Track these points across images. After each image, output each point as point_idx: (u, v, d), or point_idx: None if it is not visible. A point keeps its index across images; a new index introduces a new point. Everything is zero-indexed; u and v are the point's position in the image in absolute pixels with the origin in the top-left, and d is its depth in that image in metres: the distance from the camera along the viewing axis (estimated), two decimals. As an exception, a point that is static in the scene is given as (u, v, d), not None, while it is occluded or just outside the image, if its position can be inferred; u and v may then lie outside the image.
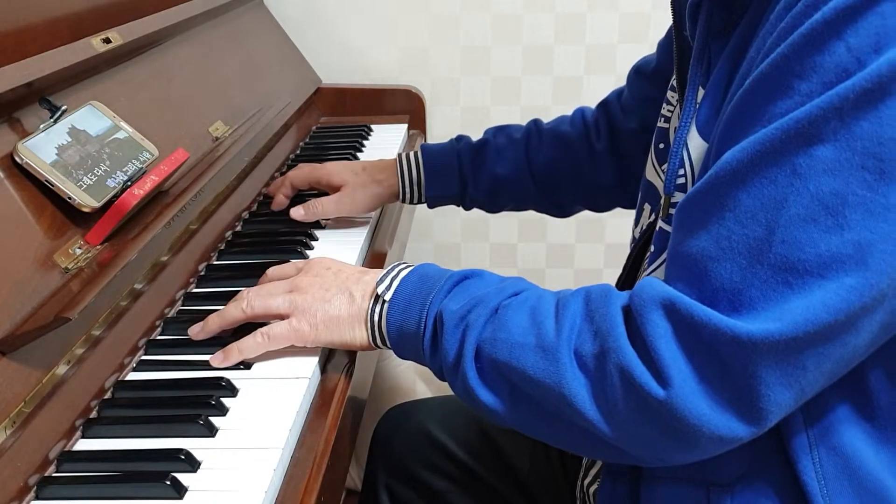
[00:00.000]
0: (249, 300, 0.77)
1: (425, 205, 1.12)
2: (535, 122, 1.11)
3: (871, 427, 0.63)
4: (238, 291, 0.91)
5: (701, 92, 0.70)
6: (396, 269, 0.75)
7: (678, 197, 0.71)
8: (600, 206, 1.12)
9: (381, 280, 0.74)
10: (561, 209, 1.12)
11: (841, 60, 0.53)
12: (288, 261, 0.96)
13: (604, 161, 1.07)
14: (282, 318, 0.75)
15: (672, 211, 0.70)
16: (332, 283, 0.76)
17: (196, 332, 0.79)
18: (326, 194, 1.09)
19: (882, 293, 0.54)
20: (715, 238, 0.57)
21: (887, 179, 0.53)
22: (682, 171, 0.70)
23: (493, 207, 1.12)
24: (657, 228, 0.73)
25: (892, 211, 0.53)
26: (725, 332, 0.55)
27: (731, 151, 0.57)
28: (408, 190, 1.09)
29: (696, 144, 0.68)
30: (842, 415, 0.63)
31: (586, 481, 0.84)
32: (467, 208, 1.12)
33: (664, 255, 0.70)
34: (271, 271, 0.83)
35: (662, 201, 0.72)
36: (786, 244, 0.55)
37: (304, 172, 1.12)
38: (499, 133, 1.11)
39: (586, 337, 0.62)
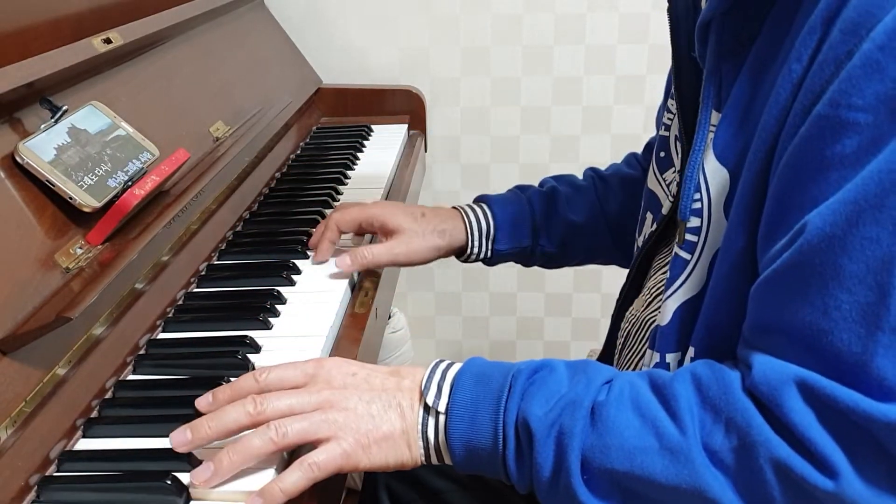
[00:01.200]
0: (279, 427, 0.61)
1: (481, 262, 1.02)
2: (594, 170, 1.06)
3: None
4: (238, 291, 0.92)
5: (715, 115, 0.67)
6: (440, 372, 0.64)
7: (693, 222, 0.68)
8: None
9: (427, 387, 0.63)
10: (627, 256, 1.02)
11: None
12: (288, 261, 0.96)
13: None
14: (319, 441, 0.62)
15: (688, 236, 0.67)
16: (371, 395, 0.64)
17: (205, 478, 0.61)
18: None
19: None
20: (822, 310, 0.53)
21: None
22: (697, 196, 0.67)
23: (558, 261, 1.04)
24: (674, 254, 0.69)
25: None
26: (879, 418, 0.51)
27: (818, 215, 0.53)
28: (476, 244, 0.98)
29: (713, 169, 0.65)
30: None
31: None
32: (528, 265, 1.04)
33: (680, 281, 0.68)
34: (267, 378, 0.65)
35: (679, 228, 0.68)
36: None
37: (352, 213, 0.97)
38: (561, 182, 1.04)
39: (715, 429, 0.57)
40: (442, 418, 0.62)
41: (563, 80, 1.71)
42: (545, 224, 1.00)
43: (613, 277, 1.80)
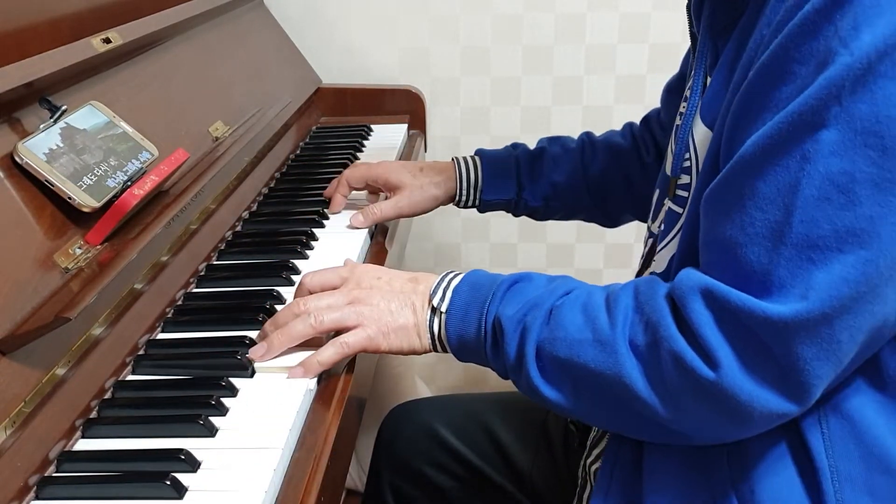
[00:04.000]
0: (315, 315, 0.76)
1: (476, 209, 1.13)
2: (588, 134, 1.13)
3: (880, 396, 0.66)
4: (237, 291, 0.92)
5: (709, 81, 0.74)
6: (447, 280, 0.78)
7: (684, 179, 0.75)
8: (646, 217, 1.14)
9: (435, 291, 0.77)
10: (610, 218, 1.14)
11: (830, 43, 0.57)
12: (288, 261, 0.96)
13: (653, 173, 1.07)
14: (348, 329, 0.77)
15: (679, 192, 0.75)
16: (388, 292, 0.78)
17: (260, 353, 0.77)
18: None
19: None
20: (739, 225, 0.62)
21: (890, 154, 0.56)
22: (687, 155, 0.75)
23: (543, 215, 1.14)
24: (666, 208, 0.78)
25: None
26: (759, 314, 0.59)
27: (744, 145, 0.61)
28: (465, 193, 1.11)
29: (699, 130, 0.73)
30: (852, 383, 0.66)
31: (588, 461, 0.85)
32: (517, 214, 1.14)
33: (673, 233, 0.75)
34: (311, 282, 0.82)
35: (669, 182, 0.77)
36: (804, 223, 0.59)
37: (360, 171, 1.12)
38: (553, 142, 1.13)
39: (638, 328, 0.66)
40: (443, 317, 0.76)
41: (563, 80, 1.71)
42: (529, 180, 1.10)
43: (614, 277, 1.80)
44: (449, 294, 0.76)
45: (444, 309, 0.76)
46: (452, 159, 1.12)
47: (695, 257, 0.69)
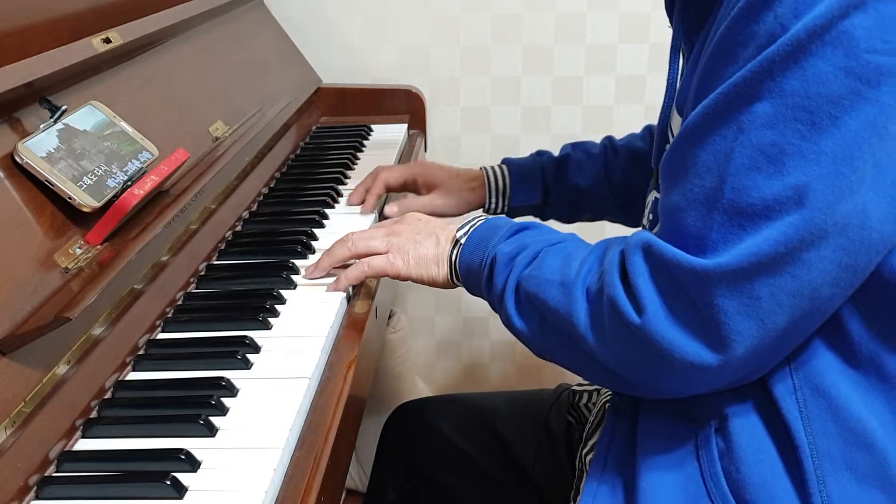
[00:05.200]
0: (354, 241, 0.89)
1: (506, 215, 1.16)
2: (611, 139, 1.16)
3: (854, 373, 0.68)
4: (239, 291, 0.92)
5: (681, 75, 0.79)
6: (475, 219, 0.86)
7: None
8: None
9: (461, 227, 0.85)
10: (633, 220, 1.17)
11: (770, 28, 0.60)
12: (288, 261, 0.97)
13: None
14: (377, 253, 0.88)
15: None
16: (422, 229, 0.88)
17: (311, 271, 0.93)
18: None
19: (820, 229, 0.60)
20: (681, 192, 0.66)
21: (818, 129, 0.59)
22: (667, 146, 0.77)
23: (571, 218, 1.19)
24: (652, 197, 0.83)
25: (823, 156, 0.60)
26: (685, 265, 0.64)
27: (690, 115, 0.66)
28: (494, 200, 1.15)
29: (676, 122, 0.77)
30: (826, 360, 0.68)
31: (584, 451, 0.86)
32: (545, 218, 1.18)
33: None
34: (374, 225, 0.95)
35: (654, 174, 0.82)
36: (735, 191, 0.62)
37: (400, 171, 1.16)
38: (577, 148, 1.16)
39: (594, 276, 0.72)
40: (459, 247, 0.84)
41: (563, 79, 1.71)
42: (555, 186, 1.15)
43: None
44: (471, 229, 0.84)
45: (462, 241, 0.84)
46: (480, 168, 1.17)
47: None
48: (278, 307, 0.88)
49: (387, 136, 1.50)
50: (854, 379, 0.68)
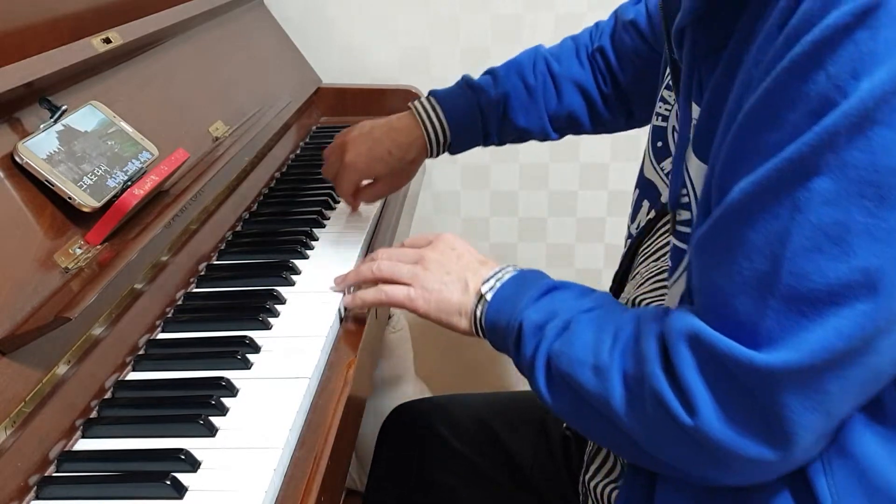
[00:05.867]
0: (380, 264, 0.85)
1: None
2: (546, 62, 1.11)
3: (883, 430, 0.64)
4: (238, 291, 0.92)
5: (695, 110, 0.71)
6: (503, 272, 0.80)
7: (683, 214, 0.72)
8: (598, 132, 1.17)
9: (488, 279, 0.80)
10: (562, 135, 1.15)
11: (822, 89, 0.54)
12: (288, 261, 0.97)
13: (613, 105, 1.10)
14: (401, 283, 0.84)
15: (680, 227, 0.73)
16: (453, 268, 0.83)
17: (339, 281, 0.91)
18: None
19: (894, 314, 0.56)
20: (727, 274, 0.60)
21: (887, 205, 0.54)
22: (684, 191, 0.72)
23: (512, 142, 1.15)
24: (671, 245, 0.74)
25: (894, 234, 0.54)
26: (746, 363, 0.58)
27: (734, 191, 0.59)
28: (435, 150, 1.11)
29: (694, 164, 0.70)
30: (853, 422, 0.64)
31: (587, 476, 0.85)
32: (486, 145, 1.15)
33: (680, 270, 0.72)
34: (407, 241, 0.90)
35: (669, 217, 0.75)
36: (794, 275, 0.56)
37: (346, 184, 1.10)
38: (509, 73, 1.12)
39: (631, 360, 0.66)
40: (485, 305, 0.79)
41: (563, 79, 1.70)
42: (497, 130, 1.11)
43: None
44: (498, 285, 0.79)
45: (488, 298, 0.79)
46: (413, 114, 1.11)
47: None
48: (278, 307, 0.88)
49: (387, 136, 1.49)
50: (881, 435, 0.64)
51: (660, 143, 0.85)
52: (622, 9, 1.09)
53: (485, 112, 1.09)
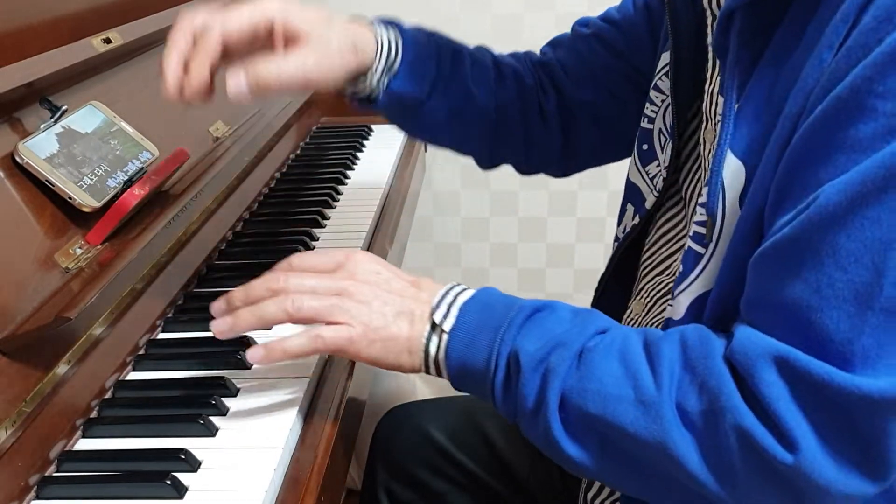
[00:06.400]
0: (296, 301, 0.65)
1: (363, 100, 0.86)
2: (490, 53, 0.94)
3: None
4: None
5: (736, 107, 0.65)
6: (453, 294, 0.67)
7: (702, 215, 0.66)
8: (528, 167, 0.98)
9: (438, 305, 0.66)
10: (490, 158, 0.96)
11: None
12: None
13: (551, 123, 0.94)
14: (330, 323, 0.66)
15: (697, 228, 0.66)
16: (389, 297, 0.67)
17: (223, 329, 0.67)
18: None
19: None
20: (814, 286, 0.54)
21: None
22: (720, 195, 0.65)
23: (433, 132, 0.91)
24: (686, 248, 0.68)
25: None
26: (853, 391, 0.52)
27: (821, 193, 0.53)
28: (377, 73, 0.83)
29: (731, 165, 0.63)
30: None
31: (590, 494, 0.83)
32: (404, 127, 0.91)
33: (694, 275, 0.67)
34: (300, 262, 0.70)
35: (707, 223, 0.65)
36: None
37: (243, 16, 0.73)
38: (463, 48, 0.91)
39: (690, 390, 0.58)
40: (445, 337, 0.65)
41: (563, 79, 1.71)
42: (447, 80, 0.87)
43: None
44: (455, 311, 0.65)
45: (447, 328, 0.65)
46: (372, 26, 0.85)
47: (734, 319, 0.62)
48: (278, 307, 0.88)
49: (387, 136, 1.50)
50: None
51: (645, 146, 0.83)
52: (579, 23, 0.99)
53: (441, 52, 0.88)
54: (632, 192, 0.84)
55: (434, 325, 0.66)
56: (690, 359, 0.59)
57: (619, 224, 0.86)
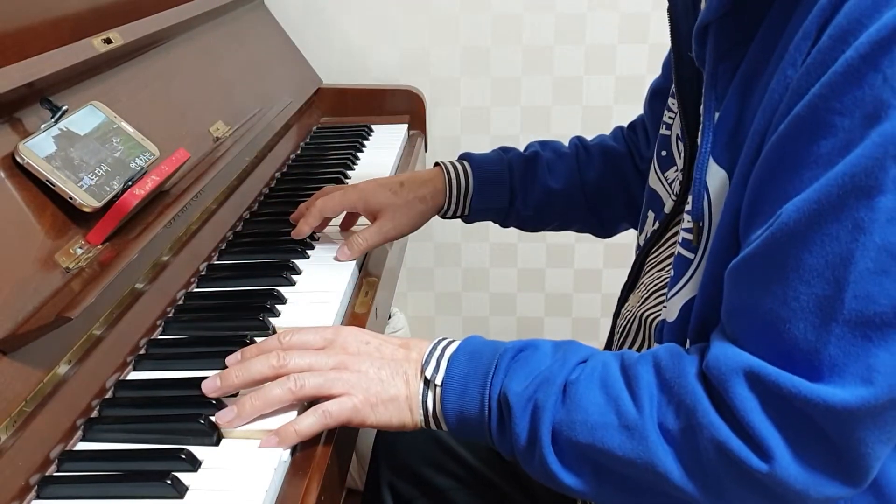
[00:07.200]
0: (298, 380, 0.68)
1: (461, 219, 1.06)
2: (580, 139, 1.08)
3: None
4: (238, 291, 0.92)
5: (717, 116, 0.68)
6: (440, 348, 0.71)
7: (688, 221, 0.70)
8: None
9: (427, 361, 0.70)
10: (605, 227, 1.09)
11: (879, 92, 0.51)
12: (288, 261, 0.97)
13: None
14: (332, 397, 0.69)
15: (684, 234, 0.69)
16: (382, 363, 0.71)
17: (229, 419, 0.69)
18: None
19: None
20: (781, 299, 0.56)
21: None
22: (704, 204, 0.68)
23: (535, 225, 1.07)
24: (676, 254, 0.71)
25: None
26: (818, 402, 0.54)
27: (784, 211, 0.55)
28: (454, 202, 1.02)
29: (712, 171, 0.66)
30: None
31: None
32: (506, 225, 1.07)
33: (684, 280, 0.69)
34: (292, 341, 0.73)
35: (693, 228, 0.69)
36: (859, 299, 0.53)
37: (336, 200, 1.01)
38: (545, 147, 1.06)
39: (668, 410, 0.61)
40: (438, 390, 0.69)
41: (563, 80, 1.71)
42: (522, 187, 1.03)
43: (614, 278, 1.80)
44: (444, 364, 0.69)
45: (438, 382, 0.68)
46: (438, 165, 1.04)
47: (717, 322, 0.64)
48: (279, 307, 0.88)
49: (387, 137, 1.50)
50: None
51: (664, 153, 0.84)
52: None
53: (513, 166, 1.03)
54: (652, 199, 0.85)
55: (427, 382, 0.69)
56: (666, 379, 0.62)
57: (640, 232, 0.86)
